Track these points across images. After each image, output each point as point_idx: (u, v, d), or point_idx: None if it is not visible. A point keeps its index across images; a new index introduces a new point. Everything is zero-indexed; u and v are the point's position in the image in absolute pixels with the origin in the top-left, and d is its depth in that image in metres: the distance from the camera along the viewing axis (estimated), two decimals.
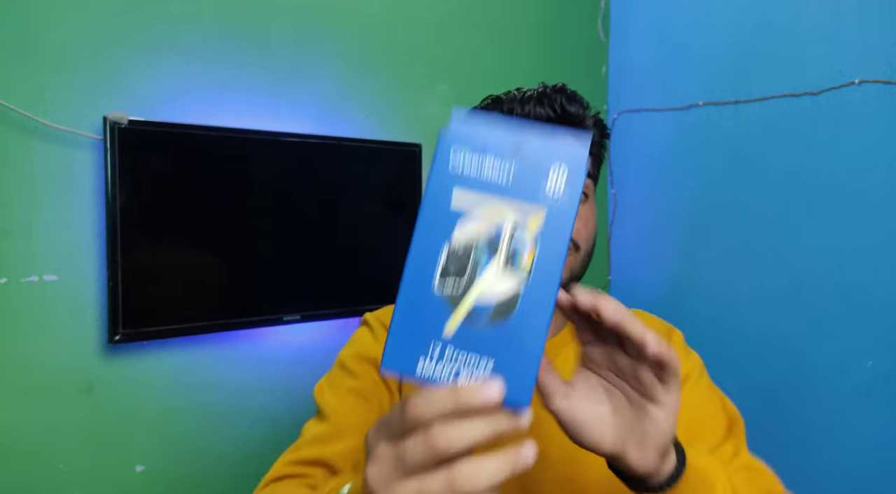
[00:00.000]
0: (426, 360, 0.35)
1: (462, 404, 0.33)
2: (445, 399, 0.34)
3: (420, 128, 1.65)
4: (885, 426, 1.34)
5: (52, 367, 1.22)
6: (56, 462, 1.22)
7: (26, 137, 1.18)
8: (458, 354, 0.35)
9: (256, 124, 1.39)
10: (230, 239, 1.34)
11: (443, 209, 0.36)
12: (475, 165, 0.36)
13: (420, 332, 0.35)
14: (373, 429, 0.37)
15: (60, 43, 1.21)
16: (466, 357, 0.35)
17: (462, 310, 0.36)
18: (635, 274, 1.98)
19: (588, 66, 2.02)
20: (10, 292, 1.18)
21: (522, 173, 0.36)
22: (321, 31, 1.51)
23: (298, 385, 1.49)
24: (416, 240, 0.36)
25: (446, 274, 0.36)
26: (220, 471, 1.40)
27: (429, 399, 0.34)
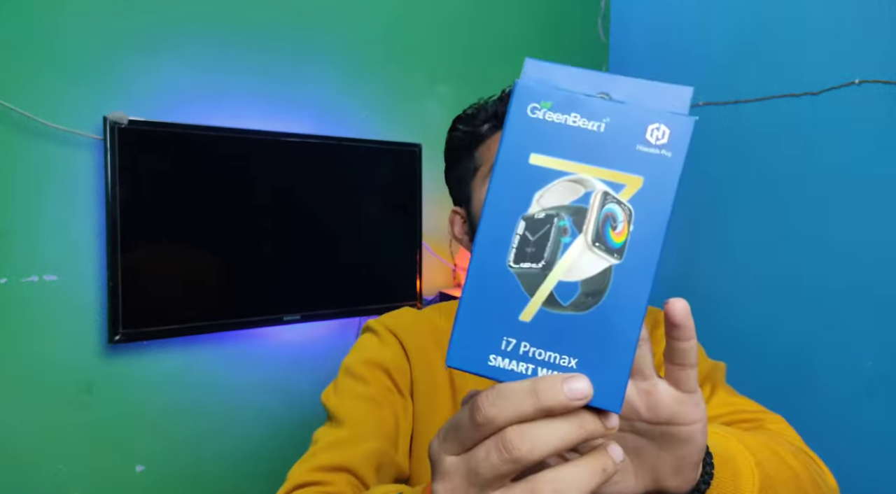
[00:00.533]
0: (497, 355, 0.30)
1: (544, 403, 0.28)
2: (524, 397, 0.28)
3: (420, 128, 1.65)
4: (885, 426, 1.34)
5: (52, 367, 1.22)
6: (56, 463, 1.22)
7: (26, 137, 1.18)
8: (534, 349, 0.30)
9: (256, 124, 1.39)
10: (230, 239, 1.34)
11: (518, 176, 0.30)
12: (557, 124, 0.31)
13: (492, 321, 0.30)
14: (436, 439, 0.32)
15: (61, 43, 1.21)
16: (544, 352, 0.30)
17: (541, 296, 0.30)
18: None
19: (588, 66, 2.01)
20: (10, 292, 1.18)
21: (615, 133, 0.30)
22: (321, 31, 1.51)
23: (298, 385, 1.49)
24: (486, 214, 0.30)
25: (522, 254, 0.30)
26: (220, 471, 1.40)
27: (504, 397, 0.28)
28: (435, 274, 1.70)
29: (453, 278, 1.73)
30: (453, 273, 1.72)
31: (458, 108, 1.83)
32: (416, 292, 1.60)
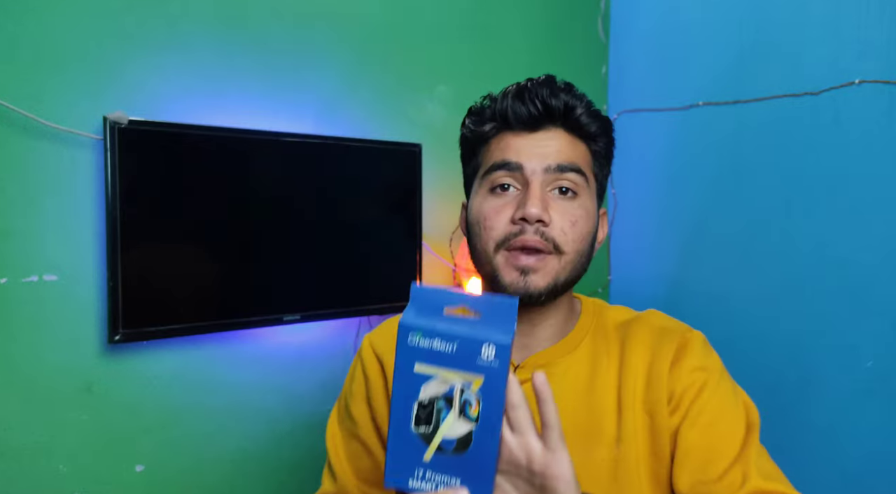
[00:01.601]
0: (413, 479, 0.50)
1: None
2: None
3: (420, 128, 1.65)
4: (885, 426, 1.34)
5: (52, 367, 1.22)
6: (56, 463, 1.22)
7: (26, 137, 1.18)
8: (435, 474, 0.50)
9: (256, 124, 1.39)
10: (230, 239, 1.34)
11: (409, 377, 0.49)
12: (427, 345, 0.49)
13: (407, 461, 0.50)
14: None
15: (60, 43, 1.21)
16: (440, 476, 0.50)
17: (433, 445, 0.50)
18: (635, 274, 1.98)
19: (588, 66, 2.02)
20: (10, 292, 1.18)
21: (462, 352, 0.48)
22: (321, 32, 1.51)
23: (298, 385, 1.49)
24: (394, 400, 0.49)
25: (419, 422, 0.49)
26: (220, 471, 1.40)
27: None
28: (435, 274, 1.70)
29: (453, 278, 1.73)
30: (453, 273, 1.72)
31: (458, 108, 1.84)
32: None
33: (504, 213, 0.69)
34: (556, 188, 0.69)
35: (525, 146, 0.70)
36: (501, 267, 0.69)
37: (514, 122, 0.71)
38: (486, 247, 0.69)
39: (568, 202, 0.69)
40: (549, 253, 0.68)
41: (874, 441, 1.36)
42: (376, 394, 0.79)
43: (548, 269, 0.68)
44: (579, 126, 0.71)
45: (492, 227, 0.69)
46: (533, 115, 0.69)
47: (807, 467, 1.46)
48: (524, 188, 0.69)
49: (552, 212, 0.68)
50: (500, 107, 0.71)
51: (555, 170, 0.69)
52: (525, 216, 0.66)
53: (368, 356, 0.81)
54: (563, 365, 0.73)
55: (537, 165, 0.69)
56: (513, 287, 0.68)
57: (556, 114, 0.70)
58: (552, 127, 0.71)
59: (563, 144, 0.70)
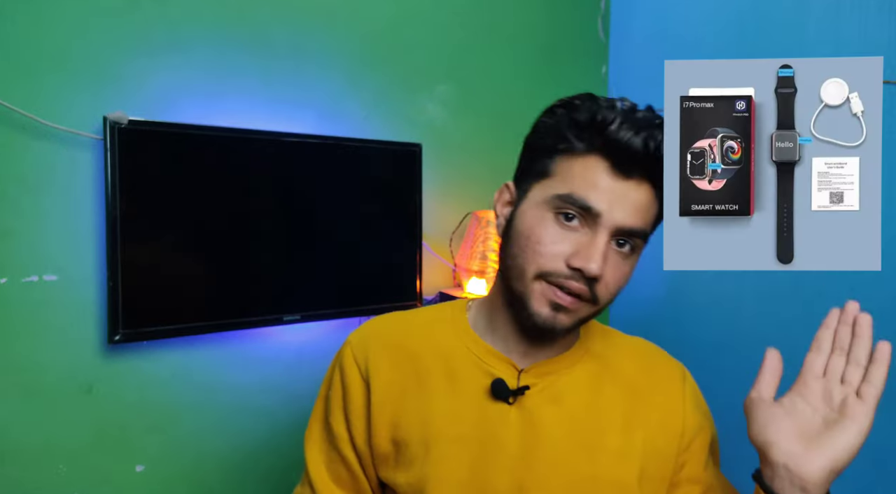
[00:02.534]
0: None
1: None
2: None
3: (420, 128, 1.65)
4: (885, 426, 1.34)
5: (52, 367, 1.22)
6: (56, 463, 1.22)
7: (26, 137, 1.18)
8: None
9: (256, 124, 1.39)
10: (230, 239, 1.34)
11: None
12: None
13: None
14: None
15: (60, 43, 1.21)
16: None
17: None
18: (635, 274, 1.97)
19: (588, 66, 2.02)
20: (10, 292, 1.18)
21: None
22: (321, 32, 1.51)
23: (298, 385, 1.49)
24: None
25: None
26: (220, 471, 1.40)
27: None
28: (435, 274, 1.70)
29: (453, 278, 1.73)
30: (453, 273, 1.72)
31: (458, 108, 1.84)
32: (416, 292, 1.60)
33: (560, 246, 0.64)
34: (616, 240, 0.66)
35: (613, 193, 0.64)
36: (535, 296, 0.66)
37: (615, 154, 0.64)
38: (527, 268, 0.66)
39: (623, 258, 0.67)
40: (586, 302, 0.66)
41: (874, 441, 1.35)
42: (354, 409, 0.75)
43: (579, 313, 0.67)
44: (659, 179, 0.63)
45: (541, 254, 0.65)
46: (639, 155, 0.63)
47: None
48: (590, 232, 0.64)
49: (606, 268, 0.65)
50: (610, 130, 0.64)
51: (626, 233, 0.65)
52: (584, 269, 0.63)
53: (349, 363, 0.77)
54: (567, 377, 0.73)
55: (616, 220, 0.64)
56: (540, 319, 0.66)
57: (655, 159, 0.63)
58: (643, 177, 0.65)
59: (646, 202, 0.66)
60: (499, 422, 0.70)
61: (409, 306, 1.58)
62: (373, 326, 0.81)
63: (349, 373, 0.76)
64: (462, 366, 0.73)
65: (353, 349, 0.78)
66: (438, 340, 0.76)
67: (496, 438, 0.70)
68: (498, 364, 0.72)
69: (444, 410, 0.71)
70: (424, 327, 0.78)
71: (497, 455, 0.69)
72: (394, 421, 0.73)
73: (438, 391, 0.72)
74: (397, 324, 0.80)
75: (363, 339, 0.79)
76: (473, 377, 0.72)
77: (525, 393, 0.70)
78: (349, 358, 0.77)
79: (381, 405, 0.73)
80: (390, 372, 0.75)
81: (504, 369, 0.72)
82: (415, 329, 0.79)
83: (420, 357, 0.75)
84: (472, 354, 0.74)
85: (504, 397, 0.70)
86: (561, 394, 0.72)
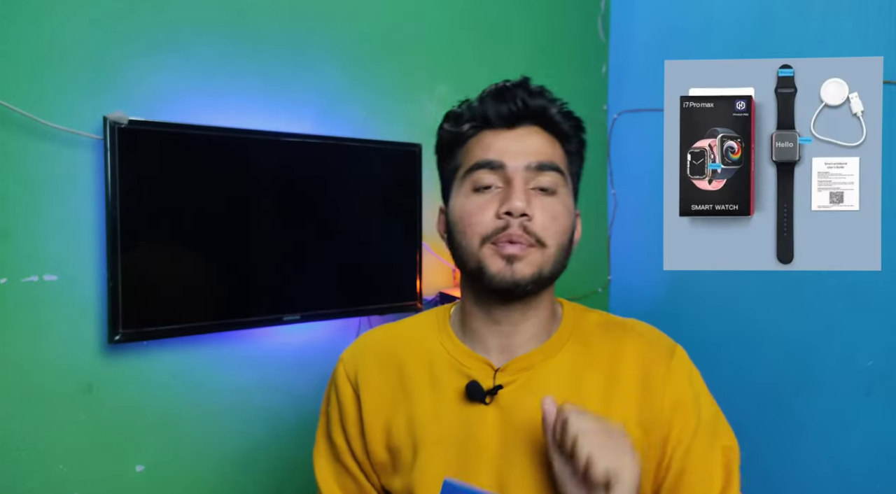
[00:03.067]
0: None
1: None
2: None
3: (420, 128, 1.65)
4: (885, 426, 1.34)
5: (52, 367, 1.22)
6: (56, 463, 1.22)
7: (26, 137, 1.18)
8: None
9: (256, 124, 1.39)
10: (230, 239, 1.34)
11: None
12: None
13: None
14: None
15: (60, 43, 1.21)
16: None
17: None
18: (635, 274, 1.98)
19: (588, 66, 2.02)
20: (10, 292, 1.18)
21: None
22: (321, 32, 1.51)
23: (298, 385, 1.49)
24: None
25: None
26: (219, 471, 1.40)
27: None
28: (435, 274, 1.70)
29: (453, 278, 1.73)
30: (453, 273, 1.72)
31: None
32: (416, 292, 1.60)
33: (488, 209, 0.70)
34: (535, 186, 0.71)
35: (506, 144, 0.72)
36: (487, 259, 0.70)
37: (494, 120, 0.73)
38: (472, 241, 0.71)
39: (548, 198, 0.71)
40: (532, 246, 0.69)
41: (874, 441, 1.36)
42: (349, 419, 0.78)
43: (533, 260, 0.69)
44: (554, 124, 0.74)
45: (477, 223, 0.70)
46: (513, 112, 0.72)
47: (806, 466, 1.46)
48: (506, 185, 0.71)
49: (534, 208, 0.70)
50: (479, 108, 0.73)
51: (535, 168, 0.71)
52: (510, 210, 0.68)
53: (342, 381, 0.80)
54: (545, 369, 0.73)
55: (519, 163, 0.71)
56: (499, 275, 0.69)
57: (533, 112, 0.72)
58: (529, 125, 0.73)
59: (541, 143, 0.73)
60: (478, 423, 0.71)
61: (409, 306, 1.58)
62: (363, 339, 0.84)
63: (342, 388, 0.80)
64: (442, 370, 0.75)
65: (345, 364, 0.81)
66: (423, 345, 0.78)
67: (476, 439, 0.71)
68: (474, 364, 0.74)
69: (427, 414, 0.73)
70: (411, 333, 0.81)
71: (479, 455, 0.71)
72: (386, 429, 0.75)
73: (422, 396, 0.74)
74: (386, 335, 0.83)
75: (354, 354, 0.82)
76: (452, 380, 0.74)
77: (502, 391, 0.71)
78: (341, 374, 0.81)
79: (373, 414, 0.76)
80: (378, 382, 0.77)
81: (480, 369, 0.73)
82: (401, 338, 0.81)
83: (406, 363, 0.77)
84: (450, 356, 0.76)
85: (479, 398, 0.71)
86: (539, 389, 0.71)
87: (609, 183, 2.04)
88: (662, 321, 2.03)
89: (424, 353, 0.77)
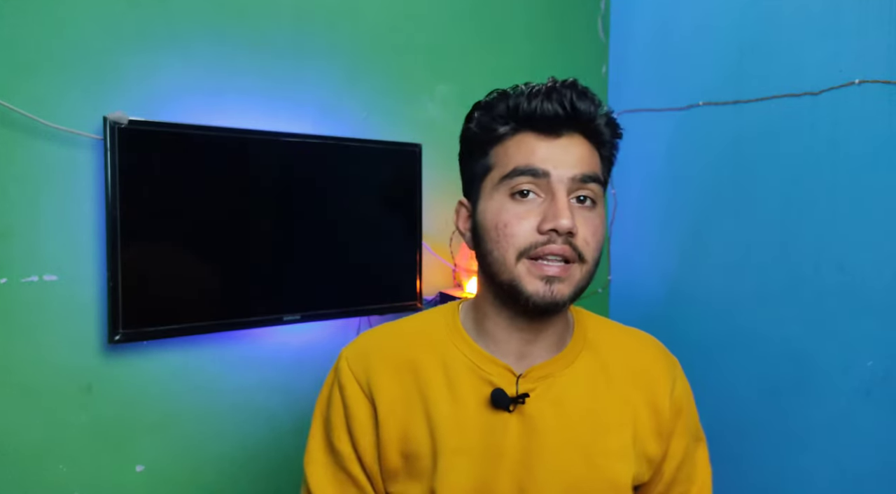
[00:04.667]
0: None
1: None
2: None
3: (420, 128, 1.65)
4: (885, 426, 1.34)
5: (52, 367, 1.22)
6: (56, 463, 1.22)
7: (26, 137, 1.18)
8: None
9: (256, 124, 1.39)
10: (230, 239, 1.34)
11: None
12: None
13: None
14: None
15: (60, 43, 1.21)
16: None
17: None
18: (635, 274, 1.98)
19: (588, 66, 2.02)
20: (10, 292, 1.18)
21: None
22: (321, 31, 1.51)
23: (298, 385, 1.49)
24: None
25: None
26: (219, 471, 1.40)
27: None
28: (435, 274, 1.70)
29: (453, 278, 1.73)
30: (453, 273, 1.72)
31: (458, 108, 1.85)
32: (416, 292, 1.60)
33: (528, 221, 0.66)
34: (575, 197, 0.68)
35: (551, 152, 0.67)
36: (524, 277, 0.66)
37: (539, 123, 0.68)
38: (507, 254, 0.67)
39: (588, 212, 0.68)
40: (574, 263, 0.67)
41: (874, 440, 1.36)
42: (358, 424, 0.73)
43: (573, 278, 0.67)
44: (598, 133, 0.70)
45: (514, 235, 0.66)
46: (560, 117, 0.67)
47: (807, 466, 1.46)
48: (548, 196, 0.67)
49: (577, 223, 0.66)
50: (524, 107, 0.68)
51: (580, 180, 0.67)
52: (557, 227, 0.65)
53: (348, 381, 0.75)
54: (564, 378, 0.73)
55: (564, 174, 0.67)
56: (537, 296, 0.66)
57: (581, 118, 0.68)
58: (573, 133, 0.69)
59: (584, 152, 0.69)
60: (500, 431, 0.70)
61: (409, 306, 1.58)
62: (367, 341, 0.79)
63: (349, 391, 0.74)
64: (460, 375, 0.72)
65: (351, 365, 0.76)
66: (436, 347, 0.75)
67: (498, 447, 0.70)
68: (495, 370, 0.72)
69: (447, 421, 0.70)
70: (420, 335, 0.77)
71: (500, 462, 0.70)
72: (402, 435, 0.72)
73: (441, 401, 0.71)
74: (392, 336, 0.78)
75: (360, 355, 0.76)
76: (473, 386, 0.72)
77: (525, 399, 0.70)
78: (347, 375, 0.75)
79: (388, 420, 0.72)
80: (393, 386, 0.73)
81: (501, 375, 0.72)
82: (411, 338, 0.77)
83: (421, 367, 0.74)
84: (469, 361, 0.73)
85: (504, 406, 0.70)
86: (560, 397, 0.72)
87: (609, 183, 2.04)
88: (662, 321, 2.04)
89: (438, 355, 0.74)
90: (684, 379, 0.80)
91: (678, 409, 0.76)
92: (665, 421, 0.75)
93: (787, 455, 1.49)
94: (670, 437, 0.75)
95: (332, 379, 0.78)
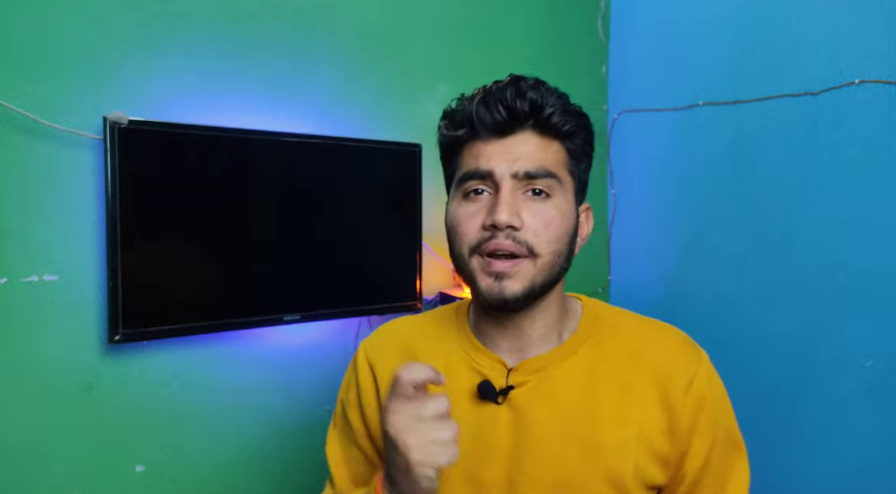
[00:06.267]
0: None
1: None
2: None
3: (420, 128, 1.65)
4: (885, 426, 1.34)
5: (52, 367, 1.22)
6: (56, 463, 1.22)
7: (26, 137, 1.18)
8: None
9: (256, 124, 1.39)
10: (230, 238, 1.34)
11: None
12: None
13: None
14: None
15: (60, 43, 1.21)
16: None
17: None
18: (635, 274, 1.98)
19: (588, 66, 2.02)
20: (10, 292, 1.18)
21: None
22: (321, 31, 1.51)
23: (298, 385, 1.49)
24: None
25: None
26: (219, 471, 1.40)
27: None
28: (435, 274, 1.70)
29: (453, 278, 1.73)
30: (453, 273, 1.72)
31: None
32: (416, 292, 1.60)
33: (476, 219, 0.69)
34: (528, 190, 0.69)
35: (494, 152, 0.69)
36: (477, 273, 0.69)
37: (481, 129, 0.69)
38: (462, 251, 0.70)
39: (540, 203, 0.68)
40: (524, 257, 0.67)
41: (874, 440, 1.36)
42: (368, 403, 0.79)
43: (522, 273, 0.67)
44: (550, 126, 0.69)
45: (465, 233, 0.69)
46: (498, 121, 0.68)
47: (807, 466, 1.46)
48: (496, 192, 0.68)
49: (524, 215, 0.67)
50: (467, 112, 0.70)
51: (523, 176, 0.68)
52: (494, 223, 0.66)
53: (363, 364, 0.81)
54: (559, 371, 0.72)
55: (506, 171, 0.68)
56: (488, 292, 0.68)
57: (522, 116, 0.68)
58: (521, 130, 0.69)
59: (532, 148, 0.69)
60: (490, 422, 0.71)
61: (409, 306, 1.58)
62: (385, 327, 0.85)
63: (361, 372, 0.81)
64: (456, 366, 0.75)
65: (367, 351, 0.82)
66: (442, 339, 0.78)
67: (487, 438, 0.71)
68: (487, 362, 0.74)
69: None
70: (432, 326, 0.81)
71: (489, 454, 0.71)
72: None
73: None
74: (405, 326, 0.84)
75: (374, 342, 0.83)
76: (465, 376, 0.74)
77: (515, 391, 0.71)
78: (362, 359, 0.82)
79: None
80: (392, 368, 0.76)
81: (493, 367, 0.73)
82: (421, 328, 0.82)
83: (419, 355, 0.78)
84: (465, 353, 0.76)
85: (491, 397, 0.71)
86: (553, 391, 0.71)
87: (609, 183, 2.04)
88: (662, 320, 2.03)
89: (440, 346, 0.78)
90: (711, 375, 0.73)
91: (699, 406, 0.70)
92: (680, 419, 0.70)
93: (786, 454, 1.49)
94: (690, 435, 0.70)
95: (352, 364, 0.84)
